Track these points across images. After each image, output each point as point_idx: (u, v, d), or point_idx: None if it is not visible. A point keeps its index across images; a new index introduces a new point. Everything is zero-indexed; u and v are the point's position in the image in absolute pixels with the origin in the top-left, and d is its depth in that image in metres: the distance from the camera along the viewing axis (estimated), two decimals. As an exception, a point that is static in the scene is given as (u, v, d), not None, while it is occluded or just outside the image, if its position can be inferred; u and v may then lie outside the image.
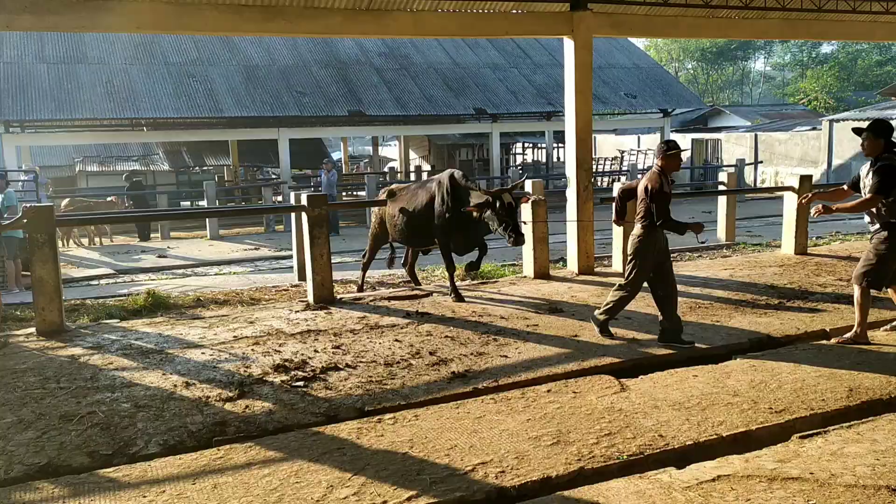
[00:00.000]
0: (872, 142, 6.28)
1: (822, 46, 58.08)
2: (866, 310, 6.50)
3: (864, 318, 6.49)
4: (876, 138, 6.27)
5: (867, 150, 6.35)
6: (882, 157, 6.22)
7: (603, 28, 9.56)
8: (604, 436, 4.62)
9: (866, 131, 6.32)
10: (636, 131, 34.63)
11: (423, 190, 8.53)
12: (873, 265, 6.34)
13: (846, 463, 4.07)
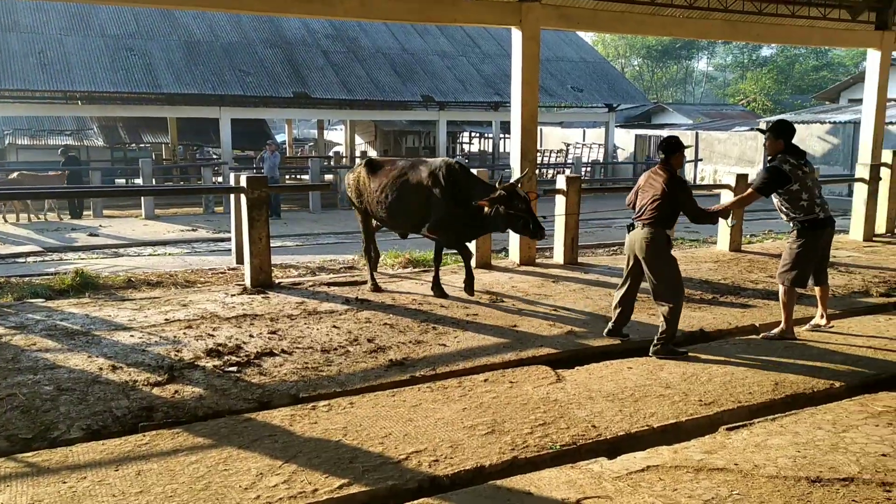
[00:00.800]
0: (773, 142, 6.49)
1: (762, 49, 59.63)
2: (791, 307, 6.69)
3: (790, 315, 6.68)
4: (776, 139, 6.46)
5: (768, 150, 6.57)
6: (776, 158, 6.43)
7: (551, 20, 9.59)
8: (538, 426, 4.64)
9: (769, 131, 6.52)
10: (582, 125, 35.00)
11: (413, 172, 7.68)
12: (791, 265, 6.54)
13: (769, 454, 4.19)
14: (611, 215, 19.56)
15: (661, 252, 6.09)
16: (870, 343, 6.46)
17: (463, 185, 7.43)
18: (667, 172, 6.12)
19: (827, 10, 11.99)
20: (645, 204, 6.10)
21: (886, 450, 4.23)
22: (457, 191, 7.40)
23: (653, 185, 6.11)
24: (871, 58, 12.63)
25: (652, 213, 6.04)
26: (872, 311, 7.68)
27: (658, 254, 6.08)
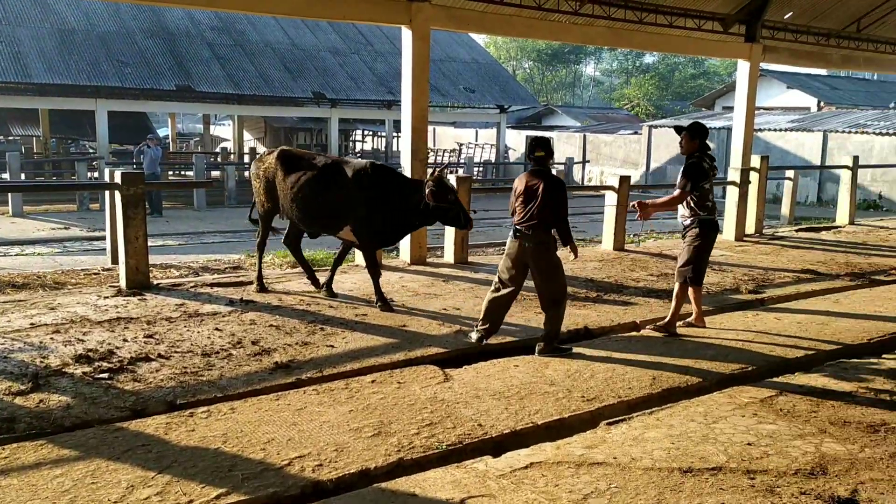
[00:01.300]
0: (689, 142, 6.84)
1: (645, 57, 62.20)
2: (681, 303, 7.01)
3: (678, 311, 7.00)
4: (692, 139, 6.82)
5: (684, 149, 6.91)
6: (692, 156, 6.78)
7: (440, 20, 9.62)
8: (425, 426, 4.63)
9: (685, 130, 6.88)
10: (474, 125, 35.43)
11: (335, 171, 7.31)
12: (692, 261, 6.85)
13: (646, 447, 4.34)
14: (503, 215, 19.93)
15: (551, 255, 6.23)
16: (739, 338, 6.82)
17: (390, 185, 7.25)
18: (544, 175, 6.21)
19: (701, 22, 12.60)
20: (531, 208, 6.15)
21: (751, 439, 4.47)
22: (384, 191, 7.20)
23: (534, 188, 6.15)
24: (741, 68, 13.39)
25: (538, 216, 6.11)
26: (742, 307, 8.11)
27: (548, 257, 6.21)
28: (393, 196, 7.19)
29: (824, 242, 12.71)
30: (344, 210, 7.27)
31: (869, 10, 14.56)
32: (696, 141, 6.81)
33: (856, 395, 5.29)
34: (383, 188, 7.22)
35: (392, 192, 7.21)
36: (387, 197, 7.19)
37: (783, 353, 6.39)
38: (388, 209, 7.21)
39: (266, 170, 7.66)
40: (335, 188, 7.26)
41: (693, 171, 6.71)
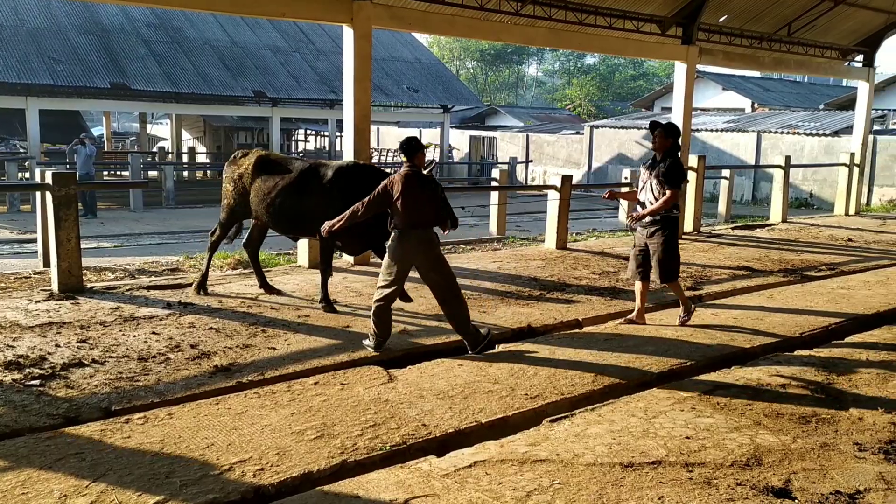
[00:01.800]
0: (662, 140, 6.94)
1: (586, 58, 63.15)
2: (681, 290, 7.40)
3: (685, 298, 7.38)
4: (666, 137, 6.94)
5: (657, 146, 7.00)
6: (672, 155, 6.93)
7: (382, 19, 9.57)
8: (369, 427, 4.60)
9: (659, 128, 6.99)
10: (418, 125, 35.39)
11: (314, 174, 7.23)
12: (675, 256, 7.09)
13: (588, 443, 4.39)
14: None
15: (440, 252, 6.26)
16: (678, 333, 6.96)
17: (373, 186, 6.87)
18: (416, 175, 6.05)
19: (640, 24, 12.84)
20: (424, 210, 6.01)
21: (690, 433, 4.56)
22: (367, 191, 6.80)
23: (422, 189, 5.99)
24: (679, 70, 13.69)
25: (432, 214, 6.06)
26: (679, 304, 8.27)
27: (441, 254, 6.25)
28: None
29: (759, 240, 13.09)
30: (323, 211, 6.87)
31: (799, 15, 15.06)
32: (670, 140, 6.94)
33: (789, 388, 5.45)
34: (364, 189, 6.73)
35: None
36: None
37: (720, 347, 6.54)
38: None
39: (241, 173, 7.53)
40: (315, 190, 7.15)
41: (680, 171, 6.92)
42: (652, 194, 6.97)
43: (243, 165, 7.58)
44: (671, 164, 6.86)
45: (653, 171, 6.97)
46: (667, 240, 6.98)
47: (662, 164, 6.92)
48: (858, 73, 17.60)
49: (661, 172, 6.86)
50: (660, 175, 6.87)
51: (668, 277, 7.09)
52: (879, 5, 15.80)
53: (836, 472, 4.06)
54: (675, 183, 6.84)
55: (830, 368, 5.92)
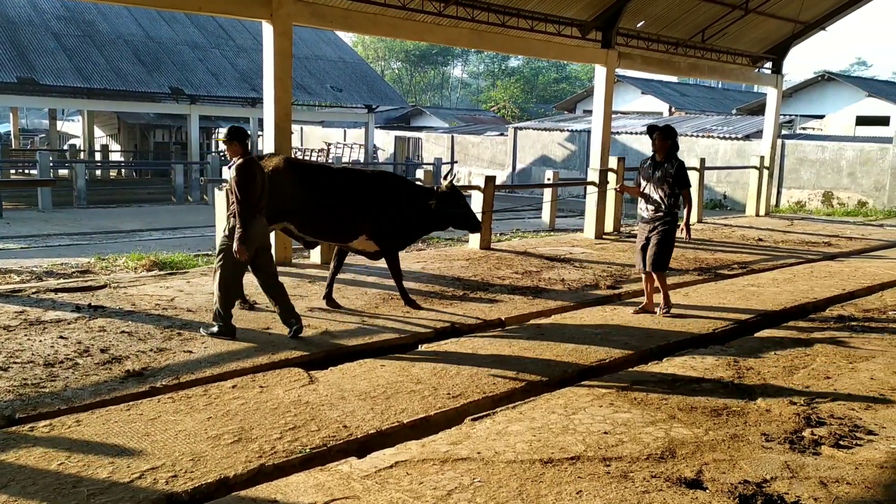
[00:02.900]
0: (662, 141, 7.51)
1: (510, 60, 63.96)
2: (666, 282, 7.86)
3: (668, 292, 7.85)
4: (665, 139, 7.50)
5: (658, 147, 7.55)
6: (674, 157, 7.53)
7: (303, 16, 9.43)
8: (288, 430, 4.51)
9: (658, 131, 7.56)
10: (343, 124, 35.12)
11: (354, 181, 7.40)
12: (668, 249, 7.64)
13: (508, 441, 4.42)
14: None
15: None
16: (598, 331, 7.09)
17: (409, 191, 7.56)
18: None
19: (561, 28, 13.06)
20: (263, 197, 6.40)
21: (607, 428, 4.65)
22: (405, 197, 7.47)
23: (263, 177, 6.44)
24: (599, 73, 13.99)
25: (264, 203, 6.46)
26: (601, 302, 8.45)
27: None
28: (409, 203, 7.46)
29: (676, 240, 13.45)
30: (364, 217, 7.27)
31: (712, 22, 15.62)
32: (668, 141, 7.48)
33: (702, 382, 5.63)
34: (401, 196, 7.45)
35: (408, 200, 7.47)
36: (403, 204, 7.43)
37: (638, 344, 6.70)
38: (405, 216, 7.44)
39: (272, 180, 6.95)
40: (359, 196, 7.31)
41: (686, 172, 7.61)
42: (661, 192, 7.53)
43: (273, 164, 7.18)
44: (679, 167, 7.50)
45: (657, 172, 7.51)
46: (668, 232, 7.60)
47: (668, 165, 7.49)
48: (768, 79, 18.36)
49: (671, 174, 7.44)
50: (668, 176, 7.44)
51: (661, 266, 7.64)
52: (787, 15, 16.54)
53: (744, 462, 4.21)
54: (687, 182, 7.57)
55: (741, 363, 6.14)
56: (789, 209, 21.03)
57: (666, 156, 7.53)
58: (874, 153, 21.17)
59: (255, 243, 6.28)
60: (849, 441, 4.53)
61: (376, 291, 8.24)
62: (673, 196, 7.54)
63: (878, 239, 14.25)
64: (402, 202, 7.44)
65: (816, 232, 14.92)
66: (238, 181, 6.14)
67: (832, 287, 9.47)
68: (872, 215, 19.36)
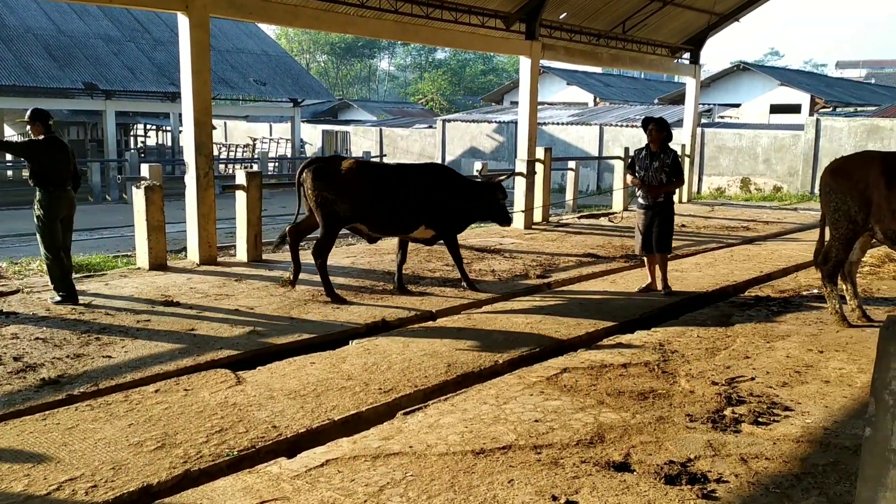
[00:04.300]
0: (658, 133, 8.02)
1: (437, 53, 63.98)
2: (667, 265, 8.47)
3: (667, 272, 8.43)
4: (660, 131, 8.02)
5: (654, 139, 8.03)
6: (669, 148, 8.08)
7: (220, 8, 9.18)
8: (215, 433, 4.40)
9: (653, 123, 8.06)
10: (268, 119, 34.51)
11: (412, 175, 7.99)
12: (671, 231, 8.26)
13: (440, 433, 4.41)
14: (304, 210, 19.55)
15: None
16: (529, 320, 7.15)
17: (458, 182, 8.21)
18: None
19: (485, 20, 13.11)
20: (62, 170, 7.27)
21: (538, 416, 4.69)
22: (457, 187, 8.12)
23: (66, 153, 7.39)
24: (524, 65, 14.10)
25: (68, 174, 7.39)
26: (531, 291, 8.53)
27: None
28: (460, 193, 8.11)
29: (603, 228, 13.75)
30: (426, 207, 7.85)
31: (632, 14, 15.93)
32: (663, 132, 8.02)
33: (629, 367, 5.74)
34: (454, 187, 8.11)
35: (460, 190, 8.14)
36: (456, 194, 8.07)
37: (568, 332, 6.79)
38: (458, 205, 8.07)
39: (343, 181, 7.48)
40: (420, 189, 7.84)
41: (680, 162, 8.22)
42: (659, 180, 8.02)
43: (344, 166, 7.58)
44: (675, 158, 8.10)
45: (655, 161, 8.03)
46: (669, 216, 8.20)
47: (664, 155, 8.03)
48: (686, 69, 18.86)
49: (668, 164, 8.00)
50: (665, 166, 8.00)
51: (668, 248, 8.30)
52: (703, 6, 17.01)
53: (670, 443, 4.31)
54: (681, 172, 8.23)
55: (666, 346, 6.29)
56: (710, 195, 21.70)
57: (661, 146, 8.03)
58: (787, 140, 22.03)
59: (60, 213, 7.14)
60: (767, 418, 4.70)
61: (305, 288, 8.11)
62: (670, 183, 8.11)
63: (793, 222, 14.85)
64: (455, 192, 8.08)
65: (736, 217, 15.43)
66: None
67: (751, 270, 9.81)
68: (787, 200, 20.17)
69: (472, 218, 8.45)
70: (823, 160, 20.13)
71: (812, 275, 9.04)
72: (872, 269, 9.50)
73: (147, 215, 8.60)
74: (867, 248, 7.33)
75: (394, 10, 11.42)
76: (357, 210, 7.55)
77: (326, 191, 7.44)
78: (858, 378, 5.45)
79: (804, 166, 21.43)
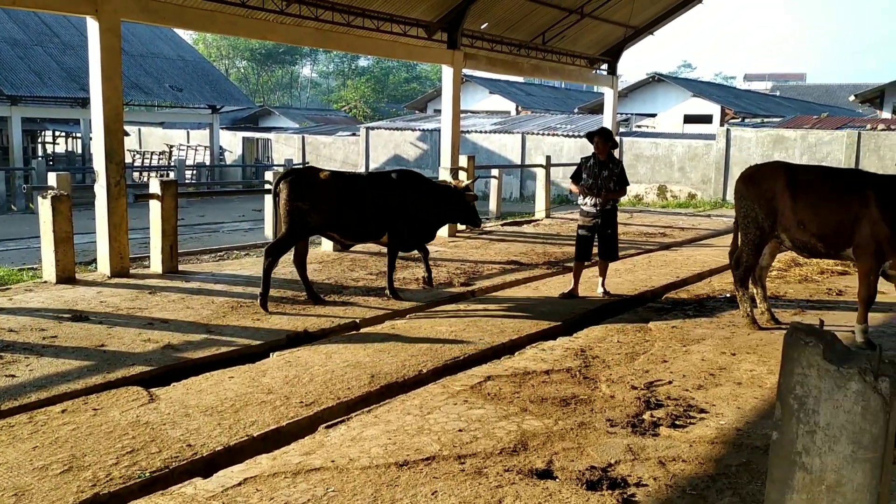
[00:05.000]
0: (605, 145, 8.37)
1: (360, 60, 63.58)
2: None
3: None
4: (606, 143, 8.36)
5: (601, 150, 8.36)
6: (615, 158, 8.54)
7: (132, 12, 8.88)
8: (126, 454, 4.21)
9: (599, 136, 8.40)
10: (185, 126, 33.57)
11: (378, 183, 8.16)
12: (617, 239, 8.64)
13: (363, 446, 4.34)
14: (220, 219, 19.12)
15: None
16: (452, 329, 7.15)
17: (428, 187, 8.44)
18: None
19: (407, 28, 13.11)
20: None
21: (462, 425, 4.68)
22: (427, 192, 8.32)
23: None
24: (446, 73, 14.17)
25: None
26: (455, 299, 8.54)
27: None
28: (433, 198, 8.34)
29: (526, 235, 13.91)
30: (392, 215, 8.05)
31: (551, 25, 16.24)
32: (609, 143, 8.38)
33: (552, 373, 5.80)
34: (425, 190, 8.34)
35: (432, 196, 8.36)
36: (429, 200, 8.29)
37: (492, 339, 6.81)
38: (430, 211, 8.31)
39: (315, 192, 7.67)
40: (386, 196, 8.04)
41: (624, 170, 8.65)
42: (606, 189, 8.31)
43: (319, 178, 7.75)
44: (622, 167, 8.57)
45: (604, 171, 8.33)
46: (616, 224, 8.62)
47: (613, 165, 8.41)
48: (604, 80, 19.34)
49: (616, 174, 8.38)
50: (614, 175, 8.36)
51: (616, 255, 8.76)
52: (619, 20, 17.49)
53: (591, 448, 4.36)
54: (627, 181, 8.64)
55: (587, 352, 6.39)
56: (629, 203, 22.26)
57: (608, 156, 8.40)
58: (700, 149, 22.84)
59: None
60: (684, 420, 4.82)
61: (224, 300, 7.90)
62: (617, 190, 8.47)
63: (707, 228, 15.38)
64: (426, 196, 8.28)
65: (653, 224, 15.88)
66: None
67: (668, 275, 10.09)
68: (701, 206, 20.89)
69: (441, 221, 8.73)
70: (734, 168, 20.97)
71: (725, 279, 9.37)
72: (780, 272, 9.91)
73: (54, 226, 8.22)
74: (777, 254, 7.63)
75: (314, 17, 11.30)
76: (329, 220, 7.78)
77: (301, 201, 7.62)
78: (768, 379, 5.65)
79: (716, 174, 22.24)
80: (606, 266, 8.82)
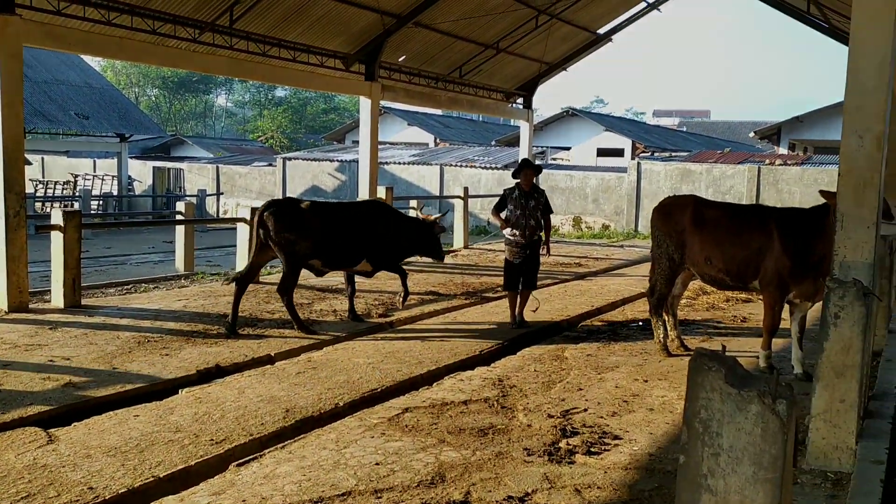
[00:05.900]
0: (532, 176, 8.60)
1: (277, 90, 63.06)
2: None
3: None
4: (535, 173, 8.68)
5: (526, 182, 8.53)
6: (539, 188, 8.71)
7: (35, 37, 8.56)
8: (20, 499, 3.97)
9: (529, 168, 8.63)
10: (92, 155, 32.43)
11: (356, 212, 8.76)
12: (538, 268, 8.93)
13: (277, 484, 4.21)
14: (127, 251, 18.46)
15: None
16: (371, 360, 7.07)
17: (398, 219, 8.85)
18: None
19: (324, 59, 13.11)
20: None
21: (380, 458, 4.61)
22: (397, 223, 8.71)
23: None
24: (364, 105, 14.21)
25: None
26: (373, 331, 8.47)
27: None
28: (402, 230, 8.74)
29: (444, 266, 13.93)
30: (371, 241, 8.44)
31: (467, 59, 16.55)
32: (534, 174, 8.63)
33: (470, 404, 5.79)
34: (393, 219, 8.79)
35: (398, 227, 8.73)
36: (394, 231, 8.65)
37: (410, 371, 6.77)
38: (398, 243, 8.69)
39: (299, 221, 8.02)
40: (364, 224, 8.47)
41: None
42: (534, 219, 8.51)
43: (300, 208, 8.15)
44: (546, 196, 8.74)
45: (531, 201, 8.51)
46: (538, 254, 8.82)
47: (538, 195, 8.60)
48: (520, 113, 19.79)
49: (542, 203, 8.59)
50: (540, 205, 8.55)
51: (535, 285, 9.03)
52: (533, 56, 17.98)
53: (509, 478, 4.36)
54: (551, 209, 8.83)
55: (505, 381, 6.42)
56: (544, 233, 22.71)
57: (532, 188, 8.55)
58: (613, 181, 23.58)
59: None
60: (599, 447, 4.89)
61: (130, 335, 7.60)
62: (545, 221, 8.67)
63: (620, 258, 15.82)
64: (396, 228, 8.66)
65: (568, 254, 16.21)
66: None
67: (583, 304, 10.30)
68: (614, 237, 21.50)
69: (409, 252, 9.01)
70: (645, 200, 21.74)
71: (637, 307, 9.64)
72: (688, 300, 10.27)
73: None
74: (689, 283, 7.90)
75: (229, 45, 11.16)
76: (315, 248, 8.10)
77: (287, 232, 7.96)
78: (678, 405, 5.80)
79: (628, 206, 22.98)
80: (528, 295, 8.95)
